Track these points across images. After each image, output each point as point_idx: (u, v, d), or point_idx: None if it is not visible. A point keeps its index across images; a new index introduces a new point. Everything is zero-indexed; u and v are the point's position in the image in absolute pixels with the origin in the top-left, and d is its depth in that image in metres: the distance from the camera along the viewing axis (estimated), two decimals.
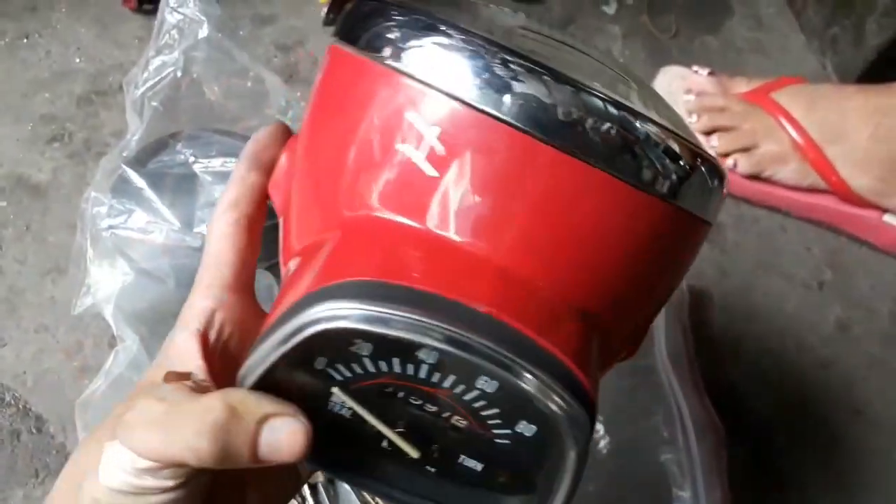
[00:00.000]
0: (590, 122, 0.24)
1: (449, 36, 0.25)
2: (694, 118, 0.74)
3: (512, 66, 0.25)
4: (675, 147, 0.26)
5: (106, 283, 0.56)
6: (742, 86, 0.75)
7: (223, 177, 0.59)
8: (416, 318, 0.23)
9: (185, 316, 0.31)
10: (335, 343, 0.24)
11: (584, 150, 0.24)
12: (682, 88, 0.76)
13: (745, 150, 0.72)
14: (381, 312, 0.23)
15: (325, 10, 0.68)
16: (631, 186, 0.25)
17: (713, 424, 0.61)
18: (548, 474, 0.26)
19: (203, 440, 0.24)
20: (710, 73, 0.76)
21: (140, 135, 0.60)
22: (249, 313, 0.32)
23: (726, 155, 0.73)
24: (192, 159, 0.60)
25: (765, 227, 0.75)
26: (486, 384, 0.25)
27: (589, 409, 0.24)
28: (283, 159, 0.32)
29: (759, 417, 0.65)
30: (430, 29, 0.26)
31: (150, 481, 0.25)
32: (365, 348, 0.25)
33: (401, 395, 0.26)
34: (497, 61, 0.25)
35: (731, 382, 0.66)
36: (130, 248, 0.57)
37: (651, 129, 0.25)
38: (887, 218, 0.71)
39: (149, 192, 0.57)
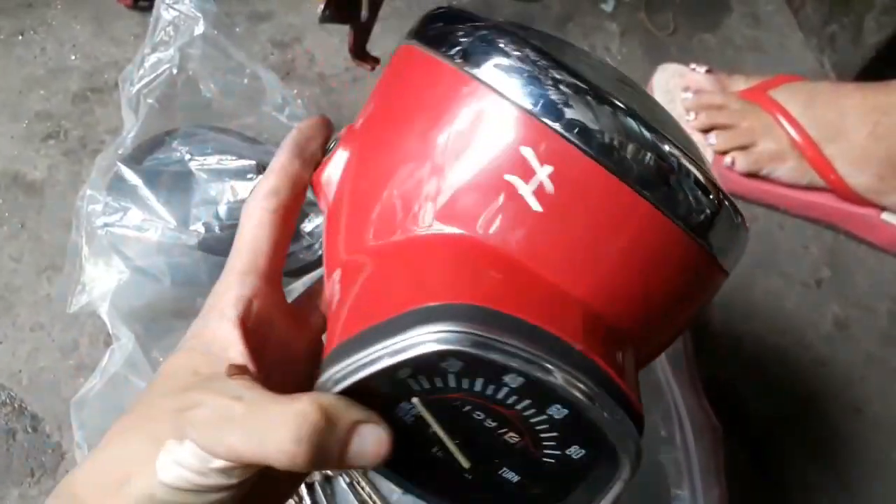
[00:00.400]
0: (676, 181, 0.27)
1: (578, 87, 0.27)
2: (692, 116, 0.74)
3: (628, 127, 0.27)
4: (730, 213, 0.30)
5: (101, 282, 0.56)
6: (740, 83, 0.75)
7: (219, 174, 0.58)
8: (524, 348, 0.24)
9: (218, 303, 0.30)
10: (430, 359, 0.25)
11: (670, 208, 0.27)
12: (679, 86, 0.76)
13: (743, 147, 0.72)
14: (493, 340, 0.24)
15: (321, 7, 0.68)
16: (688, 236, 0.28)
17: (711, 423, 0.61)
18: (589, 488, 0.28)
19: (302, 445, 0.24)
20: (708, 71, 0.76)
21: (135, 132, 0.60)
22: (278, 304, 0.32)
23: (724, 153, 0.73)
24: (187, 157, 0.59)
25: (763, 225, 0.75)
26: (557, 411, 0.26)
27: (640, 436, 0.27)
28: (339, 155, 0.32)
29: (758, 416, 0.65)
30: (558, 73, 0.27)
31: (215, 479, 0.25)
32: (455, 366, 0.25)
33: (467, 408, 0.27)
34: (619, 120, 0.27)
35: (730, 381, 0.66)
36: (126, 246, 0.56)
37: (717, 195, 0.29)
38: (885, 216, 0.71)
39: (144, 190, 0.57)
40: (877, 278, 0.73)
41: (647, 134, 0.27)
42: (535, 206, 0.27)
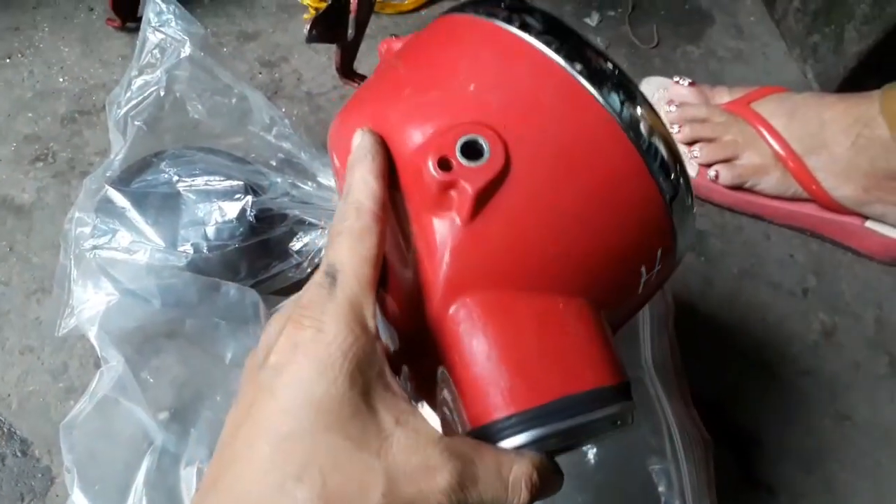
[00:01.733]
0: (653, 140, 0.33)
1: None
2: (676, 128, 0.74)
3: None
4: (688, 190, 0.34)
5: (90, 304, 0.56)
6: (724, 96, 0.76)
7: (207, 195, 0.59)
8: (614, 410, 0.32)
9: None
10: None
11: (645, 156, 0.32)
12: (664, 98, 0.77)
13: (727, 160, 0.72)
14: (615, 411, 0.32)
15: (308, 26, 0.68)
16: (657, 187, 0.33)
17: (700, 435, 0.61)
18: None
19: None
20: (692, 84, 0.77)
21: (123, 154, 0.60)
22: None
23: (708, 165, 0.73)
24: (175, 178, 0.60)
25: (749, 235, 0.75)
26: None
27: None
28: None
29: (747, 425, 0.66)
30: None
31: None
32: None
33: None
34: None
35: (718, 390, 0.67)
36: (115, 268, 0.56)
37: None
38: (869, 224, 0.71)
39: (133, 212, 0.57)
40: (862, 286, 0.73)
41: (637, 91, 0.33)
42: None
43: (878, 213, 0.71)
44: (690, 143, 0.74)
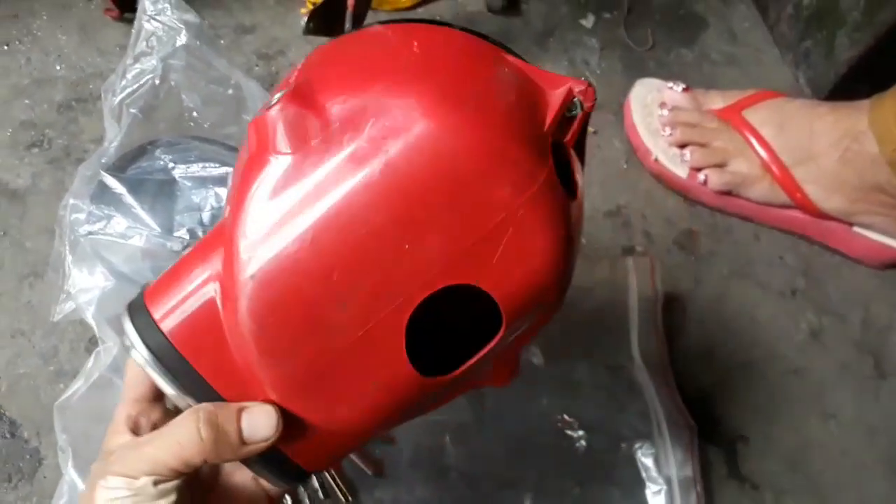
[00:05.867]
0: None
1: None
2: (667, 131, 0.75)
3: None
4: None
5: (86, 289, 0.56)
6: (717, 101, 0.76)
7: (202, 182, 0.59)
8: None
9: (114, 427, 0.36)
10: None
11: None
12: (657, 101, 0.77)
13: (717, 165, 0.73)
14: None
15: (305, 19, 0.68)
16: None
17: (686, 422, 0.62)
18: None
19: (205, 429, 0.31)
20: (685, 90, 0.77)
21: (118, 142, 0.60)
22: (163, 418, 0.38)
23: (699, 169, 0.74)
24: (171, 165, 0.60)
25: (739, 236, 0.76)
26: None
27: None
28: None
29: (733, 422, 0.66)
30: None
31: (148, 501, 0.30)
32: None
33: None
34: None
35: (705, 388, 0.67)
36: (110, 253, 0.57)
37: None
38: (856, 228, 0.72)
39: (128, 198, 0.58)
40: (850, 288, 0.74)
41: None
42: None
43: (866, 223, 0.71)
44: (682, 146, 0.75)
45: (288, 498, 0.55)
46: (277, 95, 0.31)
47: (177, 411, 0.38)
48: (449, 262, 0.30)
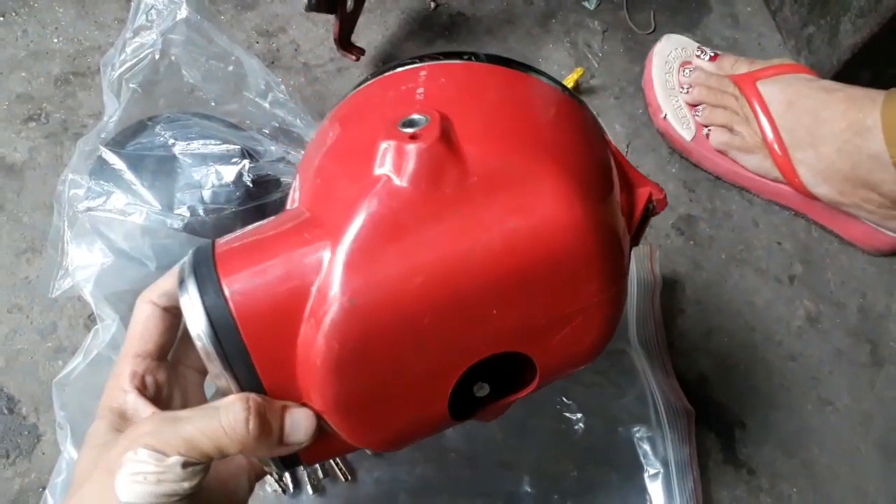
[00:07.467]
0: None
1: None
2: (685, 89, 0.77)
3: None
4: None
5: (85, 265, 0.56)
6: (743, 67, 0.76)
7: (203, 159, 0.58)
8: None
9: (116, 382, 0.35)
10: None
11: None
12: (679, 58, 0.78)
13: (723, 126, 0.74)
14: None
15: None
16: None
17: (683, 406, 0.62)
18: None
19: (252, 420, 0.30)
20: (712, 59, 0.78)
21: (118, 117, 0.60)
22: (170, 380, 0.37)
23: (706, 126, 0.76)
24: (171, 141, 0.59)
25: (738, 221, 0.76)
26: None
27: None
28: None
29: (730, 407, 0.67)
30: None
31: (171, 483, 0.29)
32: None
33: None
34: None
35: (702, 373, 0.68)
36: (110, 229, 0.56)
37: None
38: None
39: (128, 174, 0.57)
40: (847, 275, 0.74)
41: None
42: None
43: (853, 214, 0.72)
44: (695, 105, 0.76)
45: (287, 476, 0.55)
46: (417, 118, 0.31)
47: (181, 376, 0.38)
48: (520, 331, 0.33)
